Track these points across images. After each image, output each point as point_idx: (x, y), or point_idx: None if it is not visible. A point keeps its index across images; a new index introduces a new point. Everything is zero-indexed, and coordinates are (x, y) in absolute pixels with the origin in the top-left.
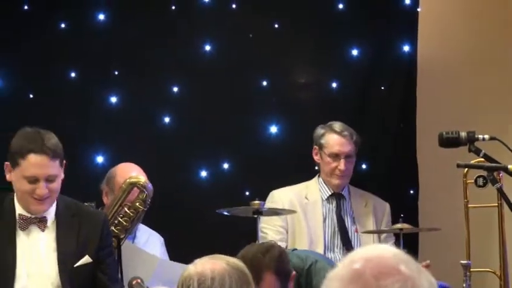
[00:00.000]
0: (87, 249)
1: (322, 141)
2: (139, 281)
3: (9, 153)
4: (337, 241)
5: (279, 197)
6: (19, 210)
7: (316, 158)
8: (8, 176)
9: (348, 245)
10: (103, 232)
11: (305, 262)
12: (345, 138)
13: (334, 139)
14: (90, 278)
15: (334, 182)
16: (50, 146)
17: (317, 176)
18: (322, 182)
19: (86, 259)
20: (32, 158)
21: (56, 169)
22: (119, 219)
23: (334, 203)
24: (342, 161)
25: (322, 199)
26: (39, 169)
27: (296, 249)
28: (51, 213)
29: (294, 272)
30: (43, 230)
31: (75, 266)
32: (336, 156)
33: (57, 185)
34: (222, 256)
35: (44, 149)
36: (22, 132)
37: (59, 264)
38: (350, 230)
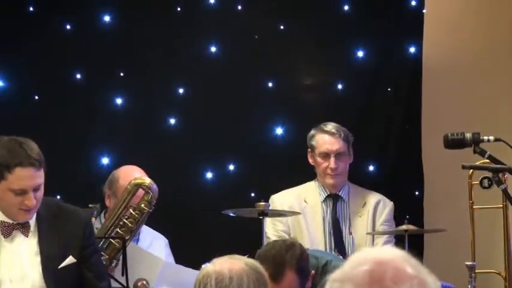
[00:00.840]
0: (70, 250)
1: (313, 142)
2: (144, 282)
3: None
4: (332, 243)
5: (279, 202)
6: (0, 217)
7: (310, 160)
8: None
9: (340, 247)
10: (85, 231)
11: (319, 261)
12: (333, 136)
13: (323, 139)
14: (75, 278)
15: (328, 181)
16: (35, 156)
17: (315, 179)
18: (320, 184)
19: (70, 259)
20: (20, 171)
21: (41, 178)
22: (124, 220)
23: (331, 204)
24: (332, 159)
25: (321, 201)
26: (27, 181)
27: (308, 249)
28: (33, 218)
29: (313, 271)
30: (27, 236)
31: (59, 267)
32: (325, 155)
33: (42, 192)
34: (240, 256)
35: (31, 161)
36: (1, 143)
37: (42, 267)
38: (344, 232)
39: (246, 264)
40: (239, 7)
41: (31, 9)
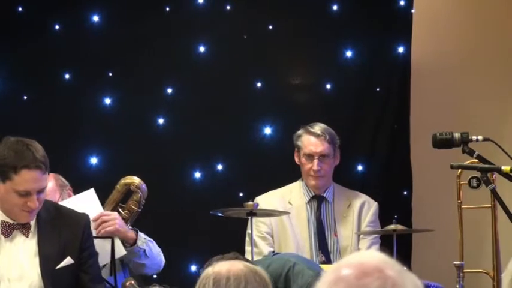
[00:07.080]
0: (69, 251)
1: (299, 142)
2: (133, 282)
3: None
4: (317, 244)
5: (263, 203)
6: (1, 217)
7: (296, 160)
8: None
9: (324, 248)
10: (84, 234)
11: (283, 268)
12: (318, 138)
13: (308, 140)
14: (72, 279)
15: (311, 182)
16: (41, 159)
17: (300, 178)
18: (305, 185)
19: (68, 260)
20: (26, 173)
21: (46, 181)
22: None
23: (315, 206)
24: (315, 161)
25: (305, 203)
26: (33, 184)
27: (278, 253)
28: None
29: None
30: (27, 236)
31: (57, 267)
32: (309, 156)
33: (44, 194)
34: (243, 257)
35: (38, 163)
36: (8, 144)
37: (41, 267)
38: (328, 233)
39: (246, 266)
40: (228, 7)
41: (20, 9)
